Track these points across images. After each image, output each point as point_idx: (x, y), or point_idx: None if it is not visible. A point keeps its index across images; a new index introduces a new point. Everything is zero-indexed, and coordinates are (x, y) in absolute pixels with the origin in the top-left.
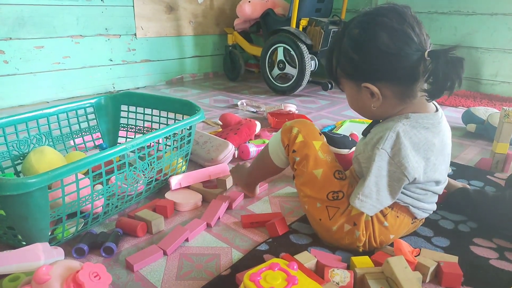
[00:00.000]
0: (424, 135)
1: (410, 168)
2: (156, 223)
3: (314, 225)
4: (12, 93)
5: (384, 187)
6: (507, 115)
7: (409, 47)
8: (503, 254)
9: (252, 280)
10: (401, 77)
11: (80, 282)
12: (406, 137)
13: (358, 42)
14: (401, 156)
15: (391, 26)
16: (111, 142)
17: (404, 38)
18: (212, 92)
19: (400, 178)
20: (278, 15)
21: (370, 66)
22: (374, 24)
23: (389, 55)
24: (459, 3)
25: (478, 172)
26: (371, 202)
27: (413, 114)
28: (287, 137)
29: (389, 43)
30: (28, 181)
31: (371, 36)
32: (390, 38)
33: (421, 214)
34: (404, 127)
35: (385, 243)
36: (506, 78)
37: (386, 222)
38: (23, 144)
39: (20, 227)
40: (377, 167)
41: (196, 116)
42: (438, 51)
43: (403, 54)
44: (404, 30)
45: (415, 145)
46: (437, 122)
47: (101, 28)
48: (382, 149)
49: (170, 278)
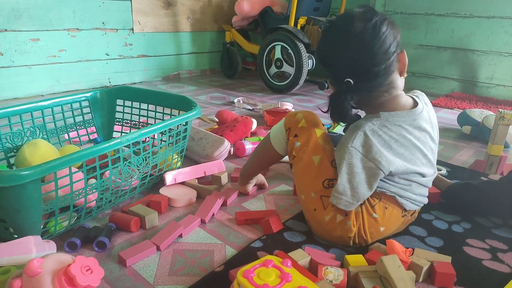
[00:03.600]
0: (396, 132)
1: (384, 162)
2: (150, 218)
3: (309, 216)
4: (7, 85)
5: (361, 183)
6: (502, 117)
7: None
8: (495, 255)
9: (245, 276)
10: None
11: (72, 276)
12: (374, 135)
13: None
14: (373, 152)
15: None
16: (106, 137)
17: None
18: (209, 89)
19: (376, 173)
20: (276, 13)
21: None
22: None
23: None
24: (456, 5)
25: (472, 173)
26: (346, 198)
27: (384, 113)
28: (290, 121)
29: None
30: (21, 173)
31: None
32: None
33: (409, 205)
34: (373, 126)
35: (376, 236)
36: (502, 81)
37: (375, 213)
38: (17, 137)
39: (12, 220)
40: (348, 164)
41: (193, 112)
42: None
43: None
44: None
45: (385, 142)
46: (412, 119)
47: (98, 22)
48: (351, 147)
49: (163, 273)
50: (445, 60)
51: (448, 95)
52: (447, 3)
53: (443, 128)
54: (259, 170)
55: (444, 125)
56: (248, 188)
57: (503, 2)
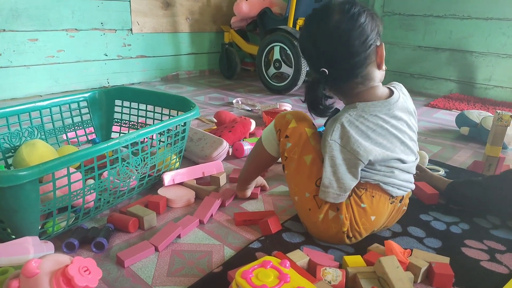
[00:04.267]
0: (373, 122)
1: (362, 151)
2: (148, 219)
3: (303, 218)
4: (5, 85)
5: (345, 174)
6: (500, 118)
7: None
8: (493, 256)
9: (244, 277)
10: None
11: (70, 276)
12: (351, 126)
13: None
14: (351, 143)
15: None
16: (105, 137)
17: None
18: (208, 90)
19: (356, 163)
20: (275, 14)
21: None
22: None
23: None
24: (454, 7)
25: (470, 174)
26: (333, 191)
27: (360, 103)
28: (280, 123)
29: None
30: (19, 174)
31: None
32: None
33: (395, 191)
34: (349, 117)
35: (369, 227)
36: (500, 82)
37: (363, 203)
38: (15, 137)
39: (9, 220)
40: (330, 158)
41: (191, 113)
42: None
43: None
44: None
45: (362, 132)
46: (387, 108)
47: (97, 22)
48: (331, 140)
49: (161, 274)
50: (443, 61)
51: (446, 96)
52: (446, 5)
53: (441, 129)
54: (255, 175)
55: (442, 126)
56: (247, 193)
57: (501, 3)
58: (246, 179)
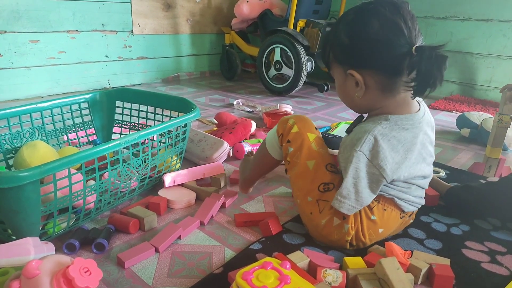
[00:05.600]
0: (403, 136)
1: (388, 170)
2: (148, 220)
3: (305, 220)
4: (6, 87)
5: (365, 188)
6: (500, 120)
7: (398, 38)
8: (494, 258)
9: (244, 278)
10: (385, 67)
11: (70, 277)
12: (384, 140)
13: (350, 27)
14: (379, 159)
15: (384, 15)
16: (105, 138)
17: (394, 29)
18: (208, 91)
19: (379, 180)
20: (276, 15)
21: (357, 52)
22: (368, 11)
23: (377, 43)
24: (455, 8)
25: (471, 176)
26: (349, 202)
27: (392, 116)
28: (283, 127)
29: (378, 31)
30: (20, 175)
31: (362, 22)
32: (380, 26)
33: (407, 207)
34: (382, 130)
35: (375, 238)
36: (500, 84)
37: (373, 216)
38: (16, 138)
39: (10, 221)
40: (354, 169)
41: (192, 114)
42: (424, 47)
43: (390, 44)
44: (396, 21)
45: (393, 147)
46: (417, 122)
47: (98, 23)
48: (359, 151)
49: (162, 275)
50: None
51: (447, 98)
52: (446, 6)
53: (442, 130)
54: (259, 176)
55: (443, 128)
56: (250, 190)
57: (502, 5)
58: (250, 180)
